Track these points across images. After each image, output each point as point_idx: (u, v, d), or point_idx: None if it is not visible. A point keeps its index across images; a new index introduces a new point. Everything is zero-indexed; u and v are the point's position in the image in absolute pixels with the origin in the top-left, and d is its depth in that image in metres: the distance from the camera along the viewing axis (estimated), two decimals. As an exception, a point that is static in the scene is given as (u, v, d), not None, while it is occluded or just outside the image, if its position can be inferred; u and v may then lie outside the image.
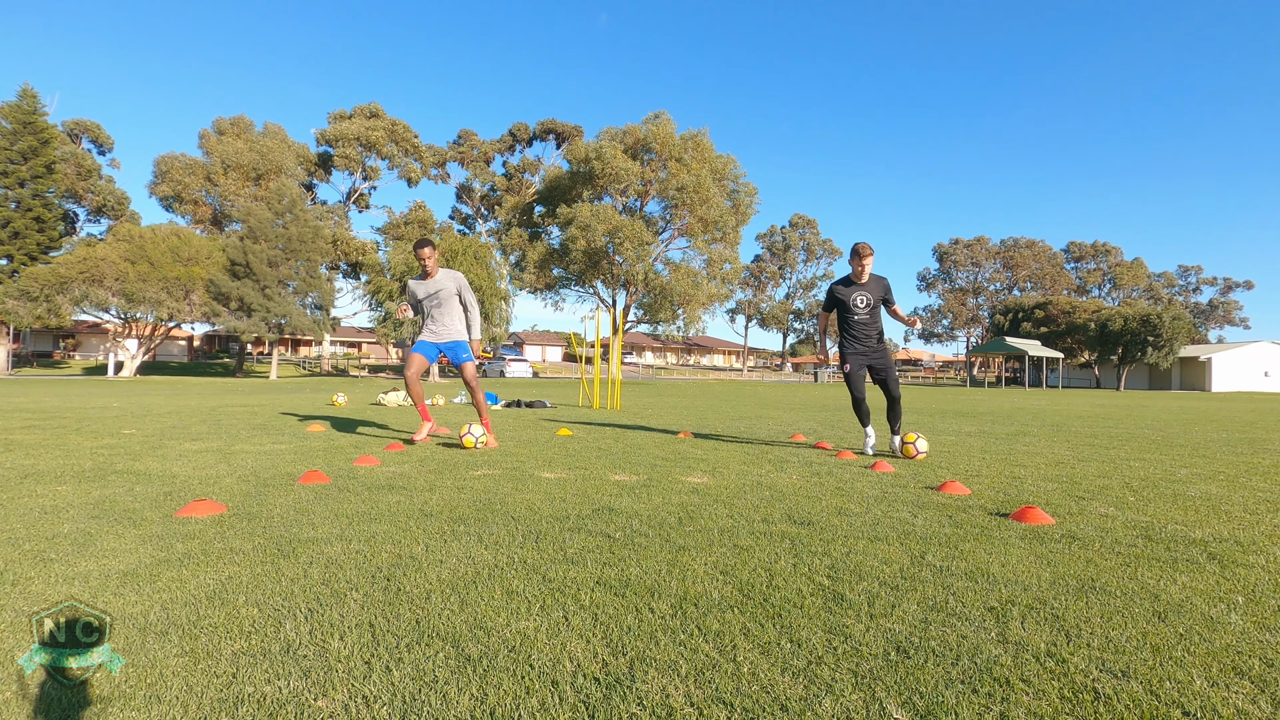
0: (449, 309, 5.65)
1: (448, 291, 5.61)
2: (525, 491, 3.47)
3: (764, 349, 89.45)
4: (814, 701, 1.34)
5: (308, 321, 35.85)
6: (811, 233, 70.67)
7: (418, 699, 1.33)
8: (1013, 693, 1.38)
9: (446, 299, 5.62)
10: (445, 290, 5.61)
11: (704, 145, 38.59)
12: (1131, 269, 69.28)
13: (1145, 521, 2.92)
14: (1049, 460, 4.99)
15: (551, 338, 75.33)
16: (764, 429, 7.41)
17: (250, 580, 2.00)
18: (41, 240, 34.27)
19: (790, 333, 75.32)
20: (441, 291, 5.60)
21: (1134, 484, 3.94)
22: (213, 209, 42.28)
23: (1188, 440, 6.75)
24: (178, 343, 56.32)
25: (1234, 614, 1.81)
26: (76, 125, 45.34)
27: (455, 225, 49.62)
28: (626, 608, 1.82)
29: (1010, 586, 2.02)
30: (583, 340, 49.30)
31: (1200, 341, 60.88)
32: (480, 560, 2.23)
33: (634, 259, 36.76)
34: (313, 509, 2.98)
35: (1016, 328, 52.86)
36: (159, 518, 2.78)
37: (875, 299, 5.33)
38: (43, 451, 4.72)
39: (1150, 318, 44.11)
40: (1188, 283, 72.70)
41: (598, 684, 1.40)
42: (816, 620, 1.74)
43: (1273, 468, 4.75)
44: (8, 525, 2.63)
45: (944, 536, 2.61)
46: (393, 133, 46.22)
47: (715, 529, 2.71)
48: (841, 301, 5.37)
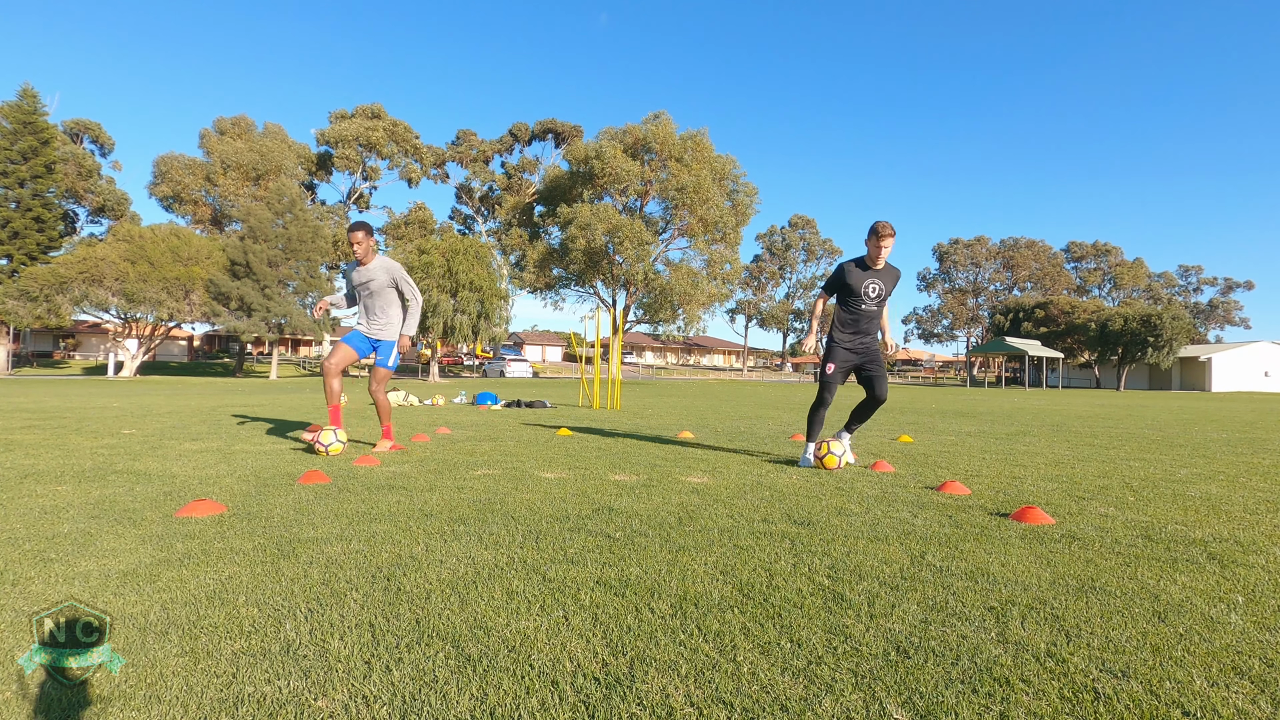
0: (381, 300, 5.17)
1: (379, 283, 5.12)
2: (525, 491, 3.47)
3: (764, 349, 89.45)
4: (814, 701, 1.34)
5: (308, 321, 35.85)
6: (811, 233, 70.72)
7: (418, 699, 1.33)
8: (1013, 693, 1.38)
9: (379, 290, 5.14)
10: (377, 281, 5.12)
11: (704, 145, 38.60)
12: (1131, 269, 69.30)
13: (1145, 521, 2.92)
14: (1049, 460, 4.99)
15: (551, 338, 75.33)
16: (764, 429, 7.41)
17: (250, 580, 2.00)
18: (41, 240, 34.29)
19: (790, 333, 75.35)
20: (373, 282, 5.12)
21: (1134, 484, 3.94)
22: (213, 209, 42.31)
23: (1188, 440, 6.75)
24: (178, 343, 56.32)
25: (1234, 614, 1.81)
26: (76, 125, 45.38)
27: (455, 225, 49.66)
28: (626, 608, 1.82)
29: (1010, 586, 2.02)
30: (583, 340, 49.32)
31: (1200, 341, 60.86)
32: (480, 560, 2.23)
33: (634, 259, 36.78)
34: (313, 509, 2.98)
35: (1016, 328, 52.87)
36: (159, 518, 2.78)
37: (887, 290, 4.62)
38: (43, 451, 4.72)
39: (1150, 318, 44.13)
40: (1188, 283, 72.72)
41: (598, 684, 1.40)
42: (816, 620, 1.74)
43: (1273, 468, 4.75)
44: (8, 525, 2.63)
45: (944, 536, 2.61)
46: (393, 133, 46.28)
47: (715, 529, 2.71)
48: (850, 286, 4.57)
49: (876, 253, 4.47)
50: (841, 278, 4.62)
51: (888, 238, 4.43)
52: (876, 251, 4.46)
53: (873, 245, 4.47)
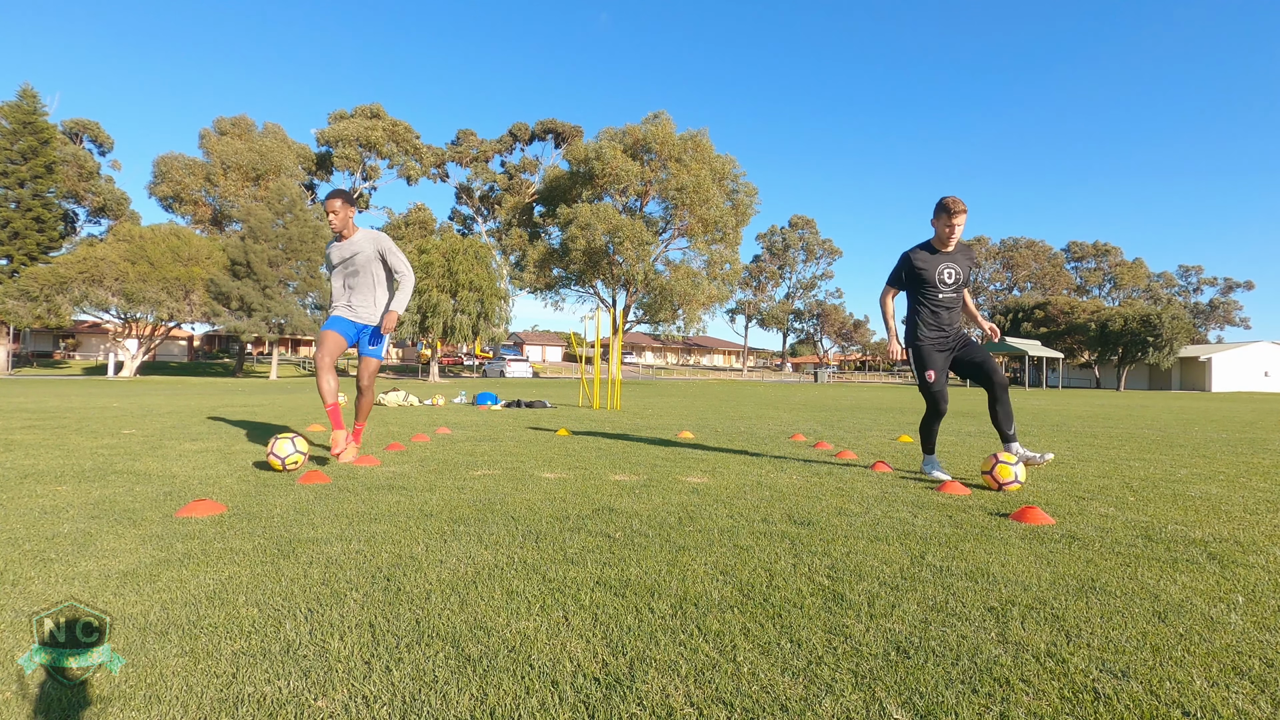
0: (366, 278, 4.53)
1: (364, 256, 4.50)
2: (525, 491, 3.47)
3: (764, 349, 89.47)
4: (814, 701, 1.34)
5: (308, 321, 35.84)
6: (811, 233, 70.72)
7: (418, 699, 1.33)
8: (1013, 693, 1.38)
9: (364, 265, 4.51)
10: (363, 255, 4.49)
11: (704, 145, 38.62)
12: (1131, 269, 69.33)
13: (1145, 521, 2.92)
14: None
15: (551, 338, 75.33)
16: (764, 429, 7.40)
17: (250, 580, 2.00)
18: (41, 240, 34.30)
19: (790, 333, 75.36)
20: (358, 256, 4.49)
21: (1134, 484, 3.94)
22: (213, 209, 42.30)
23: (1188, 440, 6.75)
24: (178, 343, 56.32)
25: (1234, 614, 1.81)
26: (76, 125, 45.37)
27: (455, 226, 49.68)
28: (626, 608, 1.82)
29: (1010, 586, 2.02)
30: (583, 340, 49.30)
31: (1200, 341, 60.89)
32: (480, 560, 2.23)
33: (634, 259, 36.79)
34: (313, 509, 2.98)
35: (1016, 328, 52.91)
36: (159, 518, 2.78)
37: (964, 274, 4.07)
38: (43, 451, 4.72)
39: (1150, 318, 44.15)
40: (1188, 283, 72.76)
41: (598, 684, 1.40)
42: (816, 620, 1.74)
43: (1273, 468, 4.75)
44: (8, 525, 2.63)
45: (944, 536, 2.61)
46: (393, 133, 46.30)
47: (715, 529, 2.71)
48: (921, 275, 4.03)
49: (948, 233, 3.95)
50: (909, 267, 4.08)
51: (960, 214, 3.88)
52: (948, 232, 3.94)
53: (942, 225, 3.95)
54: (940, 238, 4.01)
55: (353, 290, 4.54)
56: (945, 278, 4.02)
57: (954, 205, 3.88)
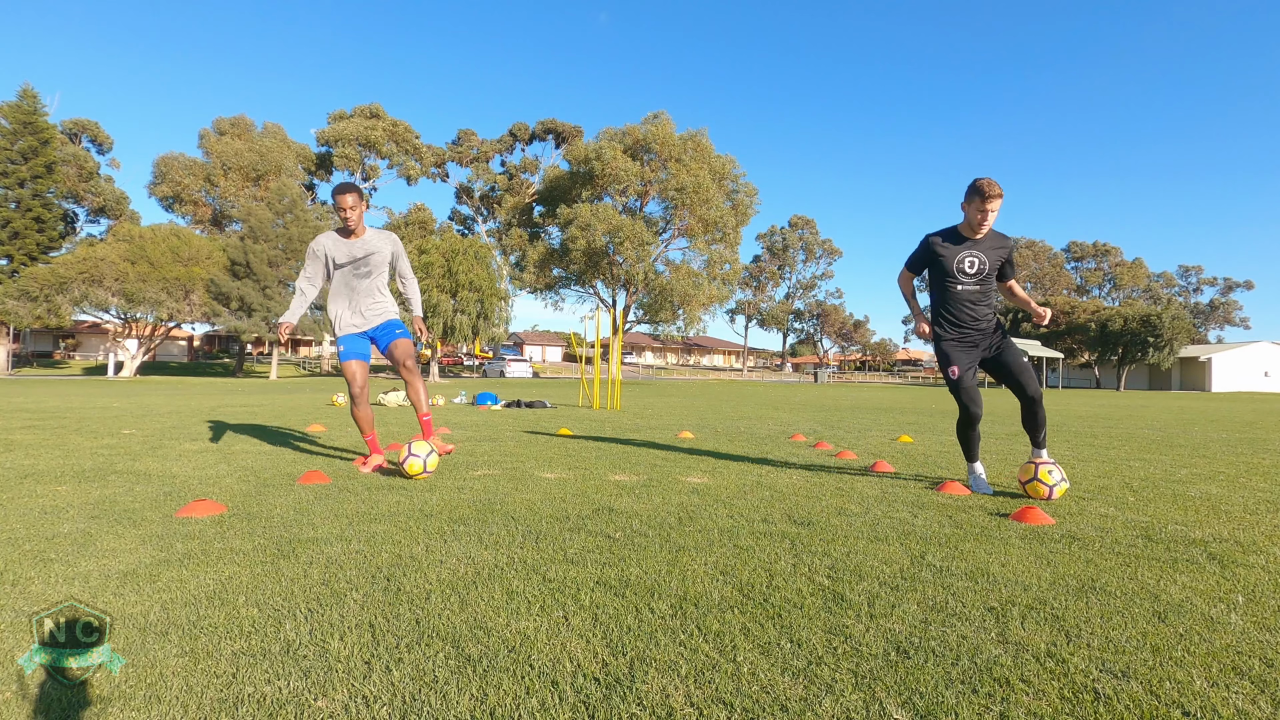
0: (380, 279, 4.27)
1: (381, 257, 4.20)
2: (525, 491, 3.47)
3: (764, 349, 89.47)
4: (814, 701, 1.34)
5: (308, 321, 35.85)
6: (811, 233, 70.74)
7: (418, 699, 1.33)
8: (1013, 693, 1.38)
9: (379, 266, 4.21)
10: (379, 255, 4.18)
11: (704, 145, 38.62)
12: (1131, 269, 69.33)
13: (1145, 521, 2.92)
14: (1049, 460, 4.99)
15: (551, 338, 75.33)
16: (764, 429, 7.40)
17: (250, 580, 2.00)
18: (41, 240, 34.31)
19: (790, 333, 75.36)
20: (374, 256, 4.16)
21: (1134, 484, 3.94)
22: (213, 209, 42.30)
23: (1188, 440, 6.75)
24: (178, 343, 56.32)
25: (1234, 614, 1.81)
26: (76, 125, 45.36)
27: (455, 226, 49.67)
28: (626, 608, 1.82)
29: (1010, 586, 2.02)
30: (583, 340, 49.28)
31: (1200, 341, 60.88)
32: (480, 560, 2.23)
33: (634, 259, 36.79)
34: (313, 509, 2.98)
35: (1016, 328, 52.87)
36: (159, 518, 2.78)
37: (992, 265, 3.63)
38: (43, 451, 4.72)
39: (1150, 318, 44.17)
40: (1188, 283, 72.77)
41: (598, 684, 1.40)
42: (816, 620, 1.74)
43: (1273, 468, 4.75)
44: (8, 525, 2.63)
45: (944, 536, 2.61)
46: (393, 133, 46.30)
47: (715, 529, 2.71)
48: (939, 262, 3.65)
49: (980, 219, 3.51)
50: (926, 253, 3.70)
51: (994, 199, 3.46)
52: (980, 218, 3.51)
53: (974, 209, 3.52)
54: (970, 223, 3.58)
55: (357, 292, 4.25)
56: (966, 268, 3.61)
57: (989, 188, 3.45)
